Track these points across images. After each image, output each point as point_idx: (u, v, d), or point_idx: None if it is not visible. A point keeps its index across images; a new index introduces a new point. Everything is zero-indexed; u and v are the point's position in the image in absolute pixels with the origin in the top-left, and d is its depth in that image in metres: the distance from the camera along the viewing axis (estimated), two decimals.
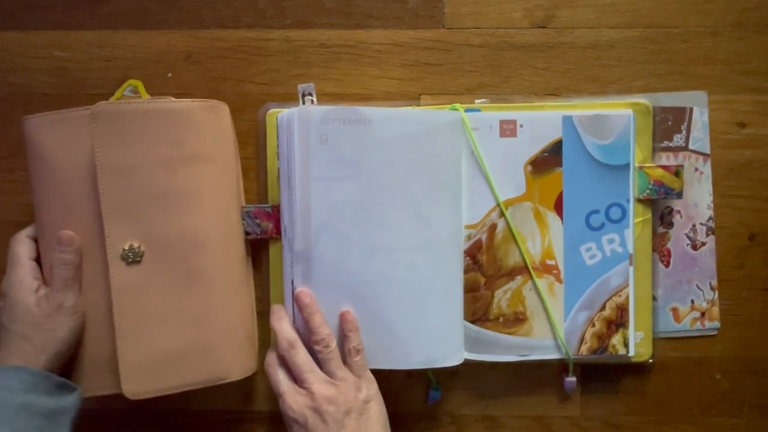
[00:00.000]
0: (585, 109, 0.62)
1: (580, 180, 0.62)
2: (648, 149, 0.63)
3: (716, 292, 0.65)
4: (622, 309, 0.62)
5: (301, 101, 0.62)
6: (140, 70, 0.65)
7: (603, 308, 0.62)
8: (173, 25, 0.65)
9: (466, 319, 0.62)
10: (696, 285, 0.65)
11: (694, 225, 0.65)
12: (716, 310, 0.65)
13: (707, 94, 0.64)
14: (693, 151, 0.64)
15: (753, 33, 0.64)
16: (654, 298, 0.64)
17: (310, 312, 0.57)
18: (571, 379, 0.64)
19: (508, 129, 0.62)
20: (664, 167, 0.62)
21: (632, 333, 0.63)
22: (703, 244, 0.65)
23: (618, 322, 0.63)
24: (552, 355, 0.63)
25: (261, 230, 0.63)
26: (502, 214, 0.62)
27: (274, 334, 0.57)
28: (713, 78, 0.64)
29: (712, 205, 0.65)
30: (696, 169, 0.65)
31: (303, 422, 0.53)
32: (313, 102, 0.62)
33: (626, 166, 0.62)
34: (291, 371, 0.56)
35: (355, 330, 0.57)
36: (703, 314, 0.65)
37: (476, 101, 0.64)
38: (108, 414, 0.65)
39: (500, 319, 0.63)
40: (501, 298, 0.63)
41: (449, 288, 0.61)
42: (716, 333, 0.65)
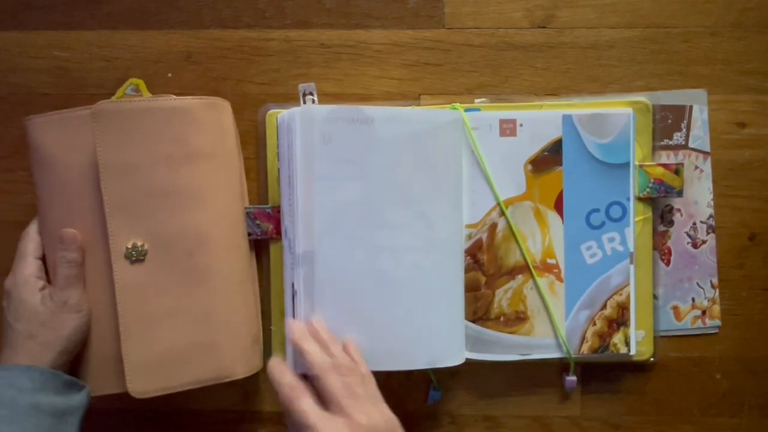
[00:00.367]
0: (584, 108, 0.62)
1: (580, 179, 0.62)
2: (648, 147, 0.63)
3: (717, 290, 0.65)
4: (623, 308, 0.62)
5: (302, 101, 0.61)
6: (140, 70, 0.65)
7: (604, 307, 0.62)
8: (173, 25, 0.65)
9: (467, 319, 0.62)
10: (697, 283, 0.65)
11: (695, 223, 0.65)
12: (717, 308, 0.65)
13: (707, 92, 0.64)
14: (693, 149, 0.65)
15: (753, 33, 0.64)
16: (655, 297, 0.64)
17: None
18: (572, 378, 0.64)
19: (508, 128, 0.62)
20: (664, 165, 0.62)
21: (633, 332, 0.63)
22: (704, 242, 0.65)
23: (619, 321, 0.63)
24: (553, 354, 0.63)
25: (261, 231, 0.63)
26: (503, 214, 0.62)
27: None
28: (713, 78, 0.65)
29: (713, 203, 0.65)
30: (696, 167, 0.65)
31: None
32: (315, 101, 0.61)
33: (626, 165, 0.62)
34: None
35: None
36: (704, 312, 0.65)
37: (476, 101, 0.64)
38: (108, 414, 0.65)
39: (501, 319, 0.63)
40: (502, 298, 0.63)
41: (451, 287, 0.61)
42: (717, 331, 0.65)
